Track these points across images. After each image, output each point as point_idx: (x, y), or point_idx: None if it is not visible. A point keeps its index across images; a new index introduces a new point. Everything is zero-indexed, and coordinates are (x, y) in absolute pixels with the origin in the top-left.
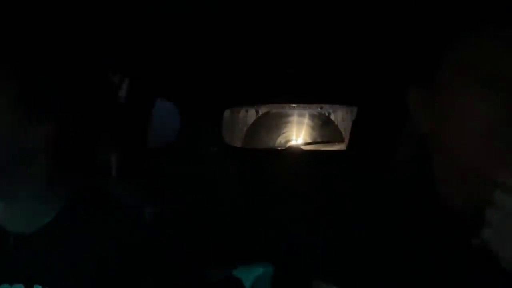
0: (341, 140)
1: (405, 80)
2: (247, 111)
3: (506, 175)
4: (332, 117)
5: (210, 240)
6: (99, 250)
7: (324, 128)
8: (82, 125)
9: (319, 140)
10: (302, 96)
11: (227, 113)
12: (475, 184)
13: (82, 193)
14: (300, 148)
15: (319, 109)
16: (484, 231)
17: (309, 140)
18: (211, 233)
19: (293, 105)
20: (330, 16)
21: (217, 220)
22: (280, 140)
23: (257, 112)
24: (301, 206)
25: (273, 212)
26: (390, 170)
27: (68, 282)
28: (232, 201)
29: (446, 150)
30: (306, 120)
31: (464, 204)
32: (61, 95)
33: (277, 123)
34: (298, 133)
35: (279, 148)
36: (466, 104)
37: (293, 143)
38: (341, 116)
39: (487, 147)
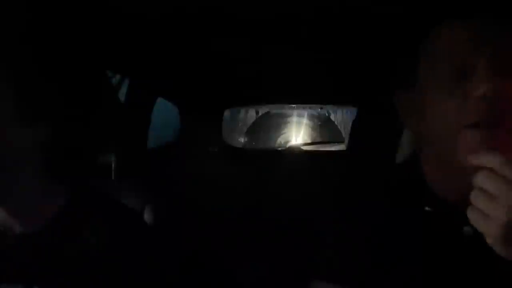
0: (341, 140)
1: (394, 82)
2: (247, 111)
3: (483, 159)
4: (332, 117)
5: (210, 240)
6: (99, 250)
7: (324, 128)
8: (82, 125)
9: (319, 140)
10: (302, 96)
11: (227, 113)
12: (462, 176)
13: (81, 193)
14: (300, 148)
15: (319, 109)
16: (469, 212)
17: (309, 140)
18: (211, 232)
19: (293, 105)
20: (329, 16)
21: (216, 220)
22: (280, 140)
23: (257, 112)
24: (301, 206)
25: (273, 212)
26: (390, 170)
27: (67, 283)
28: (232, 201)
29: (432, 145)
30: (305, 120)
31: (453, 194)
32: (59, 95)
33: (277, 123)
34: (297, 133)
35: (279, 148)
36: (441, 101)
37: (292, 143)
38: (341, 116)
39: (464, 137)
